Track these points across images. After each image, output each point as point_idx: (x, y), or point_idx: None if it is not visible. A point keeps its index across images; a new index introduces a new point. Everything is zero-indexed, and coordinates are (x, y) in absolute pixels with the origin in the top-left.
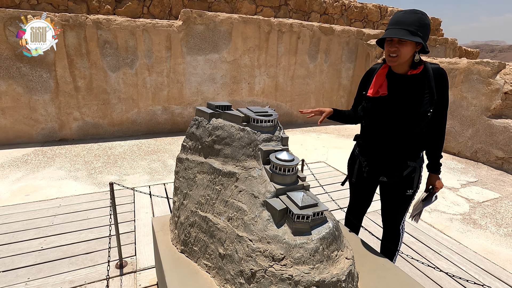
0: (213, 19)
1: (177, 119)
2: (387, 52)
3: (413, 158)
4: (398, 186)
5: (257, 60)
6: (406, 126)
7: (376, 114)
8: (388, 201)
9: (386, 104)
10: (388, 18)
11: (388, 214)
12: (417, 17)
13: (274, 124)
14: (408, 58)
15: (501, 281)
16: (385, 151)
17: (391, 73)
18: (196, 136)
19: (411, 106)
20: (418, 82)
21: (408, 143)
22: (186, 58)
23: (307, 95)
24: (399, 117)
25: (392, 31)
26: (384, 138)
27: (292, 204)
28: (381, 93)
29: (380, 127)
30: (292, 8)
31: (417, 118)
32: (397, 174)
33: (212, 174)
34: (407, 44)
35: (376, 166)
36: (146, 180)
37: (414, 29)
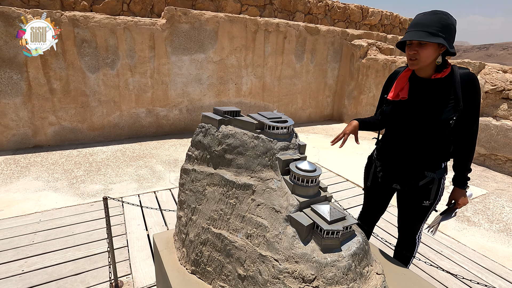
0: (199, 17)
1: (162, 122)
2: (407, 55)
3: (431, 168)
4: (414, 196)
5: (244, 60)
6: (425, 133)
7: (394, 118)
8: (403, 211)
9: (405, 109)
10: (370, 18)
11: (404, 223)
12: (438, 18)
13: (289, 131)
14: (431, 61)
15: (502, 278)
16: (401, 158)
17: (414, 77)
18: (203, 145)
19: (431, 112)
20: (442, 87)
21: (426, 151)
22: (171, 58)
23: (294, 95)
24: (418, 123)
25: (411, 33)
26: (401, 144)
27: (319, 218)
28: (401, 97)
29: (398, 132)
30: (277, 7)
31: (437, 125)
32: (412, 183)
33: (225, 187)
34: (427, 47)
35: (390, 172)
36: (135, 189)
37: (434, 30)
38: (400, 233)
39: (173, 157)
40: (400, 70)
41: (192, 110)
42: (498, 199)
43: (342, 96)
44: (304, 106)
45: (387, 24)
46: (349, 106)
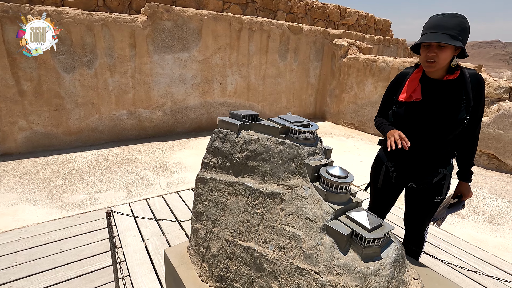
0: (182, 15)
1: (145, 124)
2: (424, 57)
3: (444, 165)
4: (427, 192)
5: (229, 59)
6: (441, 133)
7: (408, 120)
8: (414, 208)
9: (420, 110)
10: (347, 18)
11: (413, 220)
12: (458, 21)
13: (314, 135)
14: (447, 63)
15: (497, 268)
16: (416, 157)
17: (426, 78)
18: (222, 152)
19: (447, 113)
20: (454, 88)
21: (440, 150)
22: (153, 57)
23: (278, 94)
24: (434, 123)
25: (431, 35)
26: (416, 144)
27: (357, 226)
28: (414, 98)
29: (412, 132)
30: (259, 6)
31: (453, 125)
32: (427, 181)
33: (250, 196)
34: (447, 49)
35: (405, 172)
36: (124, 197)
37: (455, 33)
38: (408, 229)
39: (161, 161)
40: (408, 72)
41: (176, 111)
42: (479, 191)
43: (324, 94)
44: (288, 105)
45: (363, 24)
46: (331, 104)
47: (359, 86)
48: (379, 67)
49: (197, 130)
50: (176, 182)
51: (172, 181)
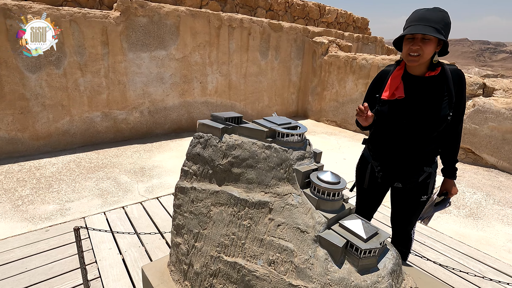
0: (158, 10)
1: (121, 126)
2: (408, 50)
3: (429, 163)
4: (413, 192)
5: (209, 57)
6: (425, 130)
7: (392, 118)
8: (401, 207)
9: (403, 108)
10: (327, 16)
11: (400, 220)
12: (442, 15)
13: (303, 138)
14: (429, 58)
15: (481, 262)
16: (401, 156)
17: (407, 75)
18: (204, 158)
19: (430, 110)
20: (436, 84)
21: (425, 148)
22: (128, 55)
23: (260, 93)
24: (418, 121)
25: (417, 27)
26: (400, 142)
27: (352, 236)
28: (397, 96)
29: (396, 131)
30: (239, 2)
31: (437, 122)
32: (413, 180)
33: (235, 206)
34: (431, 43)
35: (391, 171)
36: (99, 205)
37: (439, 27)
38: (395, 230)
39: (139, 165)
40: (390, 69)
41: (154, 112)
42: (458, 185)
43: (306, 92)
44: (270, 104)
45: (343, 22)
46: (313, 102)
47: (340, 83)
48: (359, 64)
49: (177, 131)
50: (155, 187)
51: (152, 186)
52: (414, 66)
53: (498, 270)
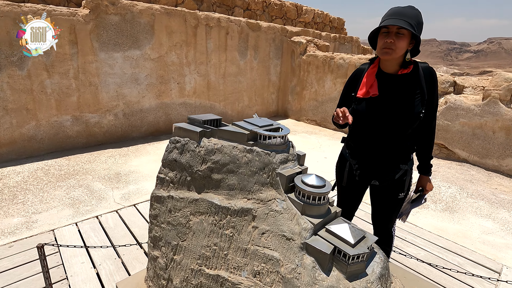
0: (130, 9)
1: (93, 130)
2: (382, 44)
3: (404, 160)
4: (390, 189)
5: (186, 57)
6: (399, 127)
7: (367, 116)
8: (380, 205)
9: (377, 105)
10: (304, 16)
11: (380, 218)
12: (416, 13)
13: (286, 140)
14: (402, 54)
15: (458, 255)
16: (378, 154)
17: (381, 73)
18: (181, 165)
19: (403, 107)
20: (409, 82)
21: (399, 145)
22: (100, 55)
23: (240, 93)
24: (392, 118)
25: (392, 20)
26: (376, 140)
27: (340, 242)
28: (371, 94)
29: (372, 128)
30: (215, 1)
31: (410, 119)
32: (389, 177)
33: (216, 215)
34: (405, 38)
35: (368, 169)
36: (70, 216)
37: (413, 23)
38: (376, 228)
39: (114, 170)
40: (364, 68)
41: (130, 115)
42: (434, 180)
43: (285, 92)
44: (250, 104)
45: (319, 22)
46: (293, 102)
47: (319, 83)
48: (337, 64)
49: (155, 134)
50: (132, 193)
51: (128, 193)
52: (387, 64)
53: (474, 262)
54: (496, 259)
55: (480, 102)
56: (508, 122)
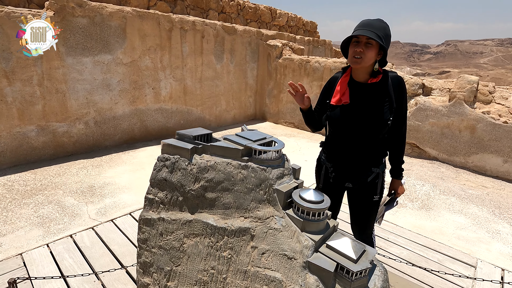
0: (100, 11)
1: (62, 140)
2: (352, 53)
3: (376, 164)
4: (364, 192)
5: (160, 61)
6: (369, 133)
7: (340, 122)
8: (356, 208)
9: (349, 112)
10: (278, 20)
11: (358, 222)
12: (384, 26)
13: (280, 154)
14: (371, 64)
15: (437, 252)
16: (350, 158)
17: (353, 82)
18: (172, 184)
19: (372, 114)
20: (378, 90)
21: (371, 150)
22: (66, 60)
23: (217, 97)
24: (362, 125)
25: (362, 31)
26: (349, 145)
27: (342, 258)
28: (343, 102)
29: (345, 134)
30: (189, 4)
31: (379, 125)
32: (362, 180)
33: (212, 236)
34: (373, 48)
35: (342, 172)
36: (40, 237)
37: (381, 35)
38: (356, 233)
39: (87, 183)
40: (338, 76)
41: (102, 122)
42: (409, 179)
43: (263, 95)
44: (228, 108)
45: (293, 25)
46: (270, 105)
47: None
48: (312, 67)
49: (130, 142)
50: (109, 208)
51: (104, 208)
52: (358, 73)
53: (452, 257)
54: (471, 253)
55: (447, 103)
56: (472, 121)
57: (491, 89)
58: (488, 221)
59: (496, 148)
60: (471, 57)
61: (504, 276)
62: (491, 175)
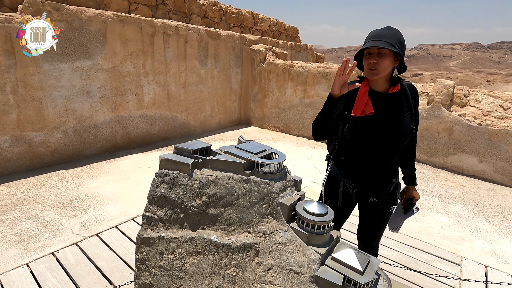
0: (78, 15)
1: (39, 151)
2: (367, 65)
3: (395, 174)
4: (384, 203)
5: (143, 67)
6: (393, 143)
7: (365, 134)
8: (372, 220)
9: (373, 123)
10: (261, 24)
11: (369, 232)
12: (394, 32)
13: (281, 166)
14: (388, 72)
15: (425, 252)
16: (373, 171)
17: (373, 92)
18: (171, 201)
19: (397, 124)
20: (399, 100)
21: (394, 160)
22: (43, 67)
23: (202, 102)
24: (387, 135)
25: (371, 42)
26: (372, 157)
27: (349, 270)
28: (367, 113)
29: (367, 146)
30: (171, 8)
31: (403, 136)
32: (385, 193)
33: (215, 253)
34: (387, 57)
35: (364, 187)
36: (18, 256)
37: (392, 41)
38: (364, 242)
39: (68, 195)
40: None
41: (82, 131)
42: None
43: (247, 100)
44: (213, 113)
45: (275, 30)
46: (255, 109)
47: (280, 90)
48: (296, 72)
49: (112, 150)
50: (93, 221)
51: (88, 221)
52: (377, 83)
53: (439, 257)
54: (456, 251)
55: (426, 107)
56: (450, 124)
57: (465, 92)
58: (469, 219)
59: (472, 149)
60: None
61: (488, 273)
62: (468, 174)
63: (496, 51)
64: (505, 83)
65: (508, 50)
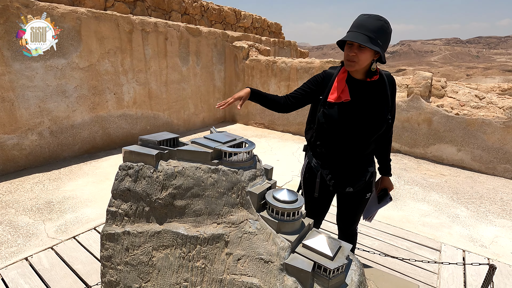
0: (50, 12)
1: (12, 154)
2: (346, 56)
3: (371, 163)
4: (360, 192)
5: (122, 65)
6: (369, 132)
7: (340, 121)
8: (348, 208)
9: (349, 110)
10: (243, 21)
11: (347, 219)
12: (380, 24)
13: (251, 155)
14: (366, 65)
15: (406, 239)
16: (350, 160)
17: (351, 79)
18: (136, 194)
19: (374, 112)
20: (377, 88)
21: (370, 149)
22: (13, 66)
23: (185, 100)
24: (364, 123)
25: (354, 34)
26: (347, 146)
27: (319, 256)
28: (343, 99)
29: (343, 134)
30: (150, 5)
31: (380, 123)
32: (361, 182)
33: (183, 246)
34: (366, 51)
35: (341, 177)
36: None
37: (374, 36)
38: (342, 228)
39: (43, 199)
40: (333, 72)
41: (58, 132)
42: None
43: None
44: (196, 111)
45: (258, 27)
46: None
47: (264, 86)
48: (279, 67)
49: (91, 152)
50: (70, 224)
51: (65, 224)
52: (356, 71)
53: (419, 243)
54: (435, 238)
55: (406, 99)
56: (429, 115)
57: (443, 84)
58: (448, 206)
59: (450, 139)
60: (423, 56)
61: (466, 256)
62: (448, 164)
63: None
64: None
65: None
